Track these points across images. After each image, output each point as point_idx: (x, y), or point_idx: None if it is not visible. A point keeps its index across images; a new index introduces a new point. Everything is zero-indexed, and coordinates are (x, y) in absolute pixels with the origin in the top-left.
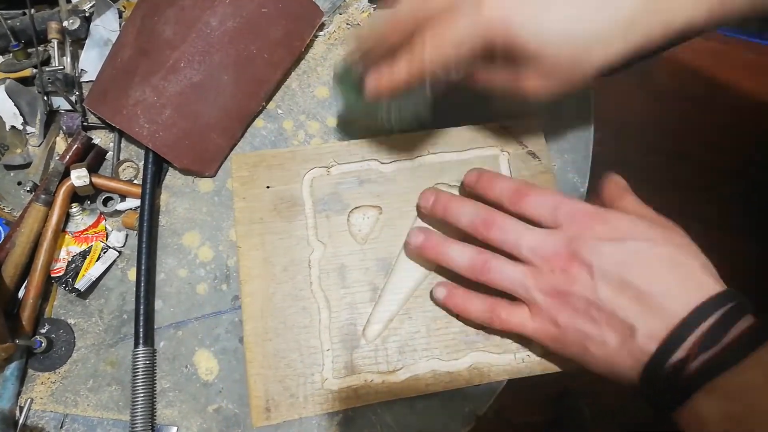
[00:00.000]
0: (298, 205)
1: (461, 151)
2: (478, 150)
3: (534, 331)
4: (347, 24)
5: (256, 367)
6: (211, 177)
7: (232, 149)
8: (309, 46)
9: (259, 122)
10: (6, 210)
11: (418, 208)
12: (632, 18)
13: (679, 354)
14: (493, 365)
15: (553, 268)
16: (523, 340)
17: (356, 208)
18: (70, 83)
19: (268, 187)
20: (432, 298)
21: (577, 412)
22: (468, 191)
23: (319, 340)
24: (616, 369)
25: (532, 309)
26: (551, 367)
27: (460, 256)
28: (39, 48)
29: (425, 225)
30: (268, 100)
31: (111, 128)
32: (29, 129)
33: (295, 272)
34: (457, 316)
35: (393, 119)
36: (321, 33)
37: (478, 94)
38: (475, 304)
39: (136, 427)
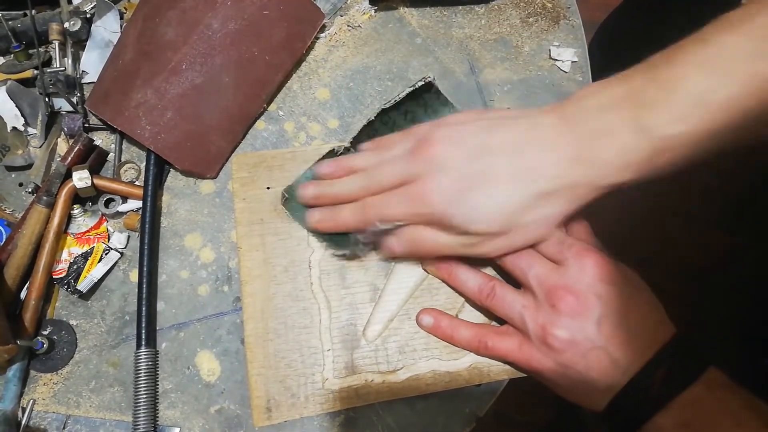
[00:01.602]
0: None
1: None
2: None
3: (520, 360)
4: (348, 26)
5: (257, 367)
6: (212, 179)
7: (233, 151)
8: (310, 47)
9: (260, 124)
10: (7, 211)
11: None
12: (549, 191)
13: (647, 385)
14: (492, 365)
15: (555, 302)
16: None
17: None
18: (72, 84)
19: (268, 188)
20: (418, 323)
21: (577, 412)
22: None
23: (319, 341)
24: (590, 397)
25: (521, 340)
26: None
27: (469, 280)
28: (40, 49)
29: None
30: (269, 101)
31: (112, 130)
32: (30, 130)
33: (296, 273)
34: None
35: (329, 243)
36: (322, 35)
37: None
38: (462, 333)
39: (139, 428)
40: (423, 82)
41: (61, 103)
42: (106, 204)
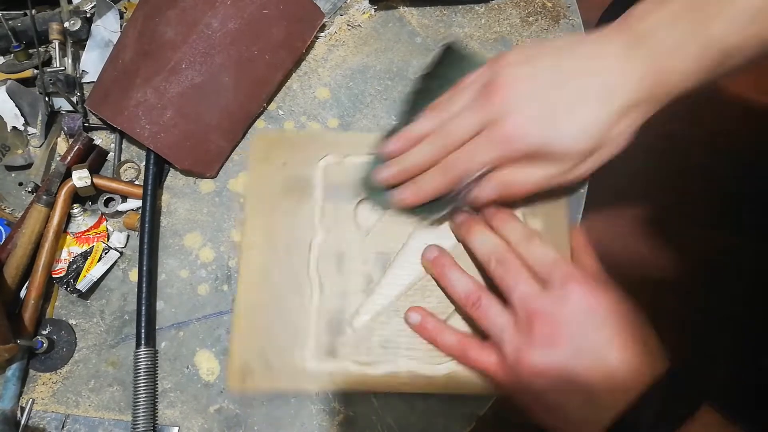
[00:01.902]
0: (309, 188)
1: None
2: None
3: (496, 377)
4: (348, 25)
5: (240, 334)
6: (212, 178)
7: (233, 150)
8: (310, 47)
9: (260, 123)
10: (7, 211)
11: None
12: (628, 105)
13: (638, 423)
14: (471, 378)
15: (534, 326)
16: None
17: (365, 199)
18: (72, 84)
19: (284, 164)
20: (405, 320)
21: None
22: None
23: (306, 321)
24: (582, 428)
25: (501, 357)
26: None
27: (459, 284)
28: (40, 49)
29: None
30: (269, 101)
31: (112, 129)
32: (30, 130)
33: (295, 252)
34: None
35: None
36: (322, 34)
37: None
38: (446, 337)
39: (138, 428)
40: (444, 48)
41: (61, 103)
42: (106, 203)
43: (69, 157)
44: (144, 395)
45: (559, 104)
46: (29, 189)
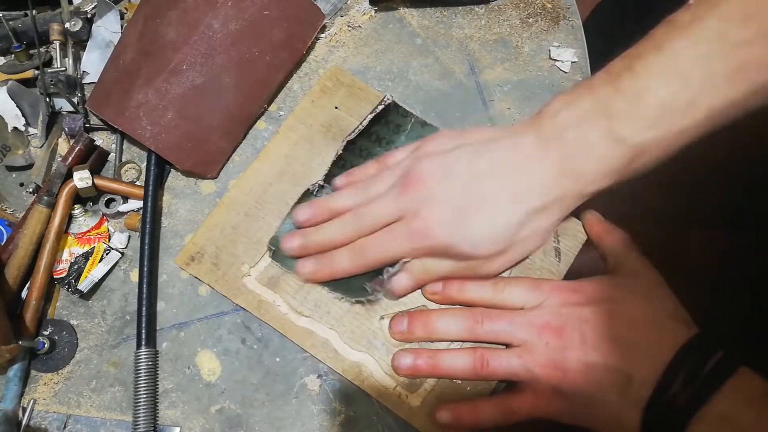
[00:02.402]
0: (344, 137)
1: None
2: None
3: (544, 410)
4: (348, 26)
5: (211, 222)
6: (213, 179)
7: (233, 151)
8: (310, 48)
9: (260, 124)
10: (8, 211)
11: (392, 333)
12: (539, 206)
13: (671, 392)
14: (373, 377)
15: (547, 341)
16: (415, 385)
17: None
18: (72, 85)
19: (336, 108)
20: (439, 420)
21: None
22: (435, 299)
23: (269, 245)
24: (620, 421)
25: (535, 389)
26: (421, 423)
27: (457, 361)
28: (41, 49)
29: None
30: (270, 102)
31: (113, 130)
32: (31, 130)
33: (299, 182)
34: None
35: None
36: (322, 35)
37: None
38: (485, 410)
39: (139, 428)
40: (383, 106)
41: (62, 104)
42: (107, 204)
43: (70, 158)
44: (145, 395)
45: (471, 205)
46: (30, 190)
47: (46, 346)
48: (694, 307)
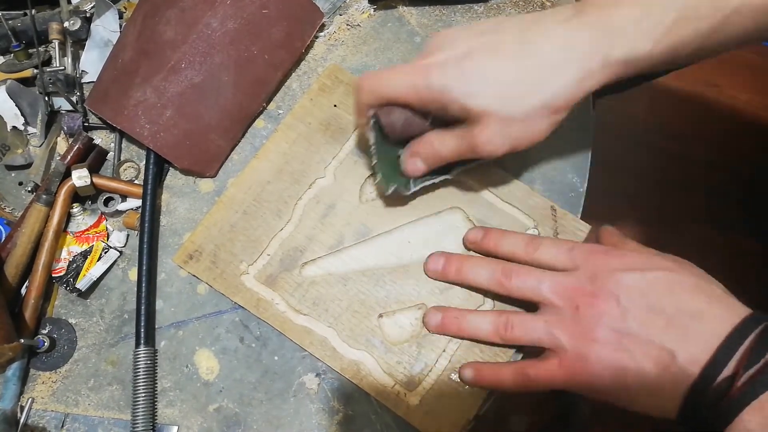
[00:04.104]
0: (343, 136)
1: (504, 202)
2: (516, 211)
3: (565, 380)
4: (347, 25)
5: (209, 221)
6: (211, 177)
7: (232, 150)
8: (309, 47)
9: (259, 123)
10: (7, 210)
11: (427, 270)
12: (557, 59)
13: (726, 373)
14: (372, 375)
15: (578, 305)
16: (413, 384)
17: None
18: (71, 84)
19: (335, 106)
20: (461, 379)
21: (577, 411)
22: (474, 248)
23: (267, 243)
24: (656, 399)
25: (560, 356)
26: (420, 422)
27: (482, 323)
28: (40, 49)
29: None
30: (269, 100)
31: (112, 129)
32: (30, 129)
33: (297, 181)
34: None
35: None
36: (321, 34)
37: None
38: (505, 374)
39: (137, 427)
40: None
41: (61, 103)
42: (106, 203)
43: (69, 157)
44: (143, 394)
45: (475, 50)
46: (29, 188)
47: (46, 344)
48: None
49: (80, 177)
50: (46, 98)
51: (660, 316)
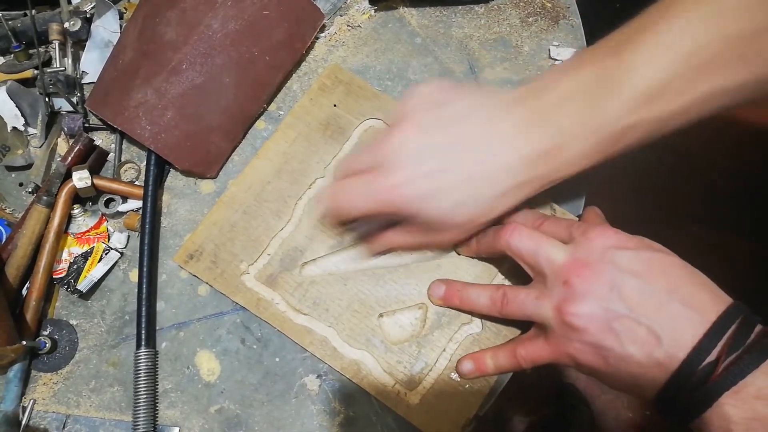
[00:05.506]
0: (343, 136)
1: None
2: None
3: (551, 357)
4: (348, 26)
5: (209, 221)
6: (212, 178)
7: (233, 151)
8: (310, 47)
9: (260, 124)
10: (8, 211)
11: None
12: (516, 183)
13: (710, 358)
14: (372, 375)
15: (567, 278)
16: (413, 383)
17: None
18: (72, 84)
19: (335, 106)
20: (458, 372)
21: (577, 412)
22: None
23: (267, 243)
24: (639, 381)
25: (546, 332)
26: (420, 421)
27: (480, 296)
28: (40, 49)
29: None
30: (270, 101)
31: (112, 130)
32: (31, 130)
33: (297, 181)
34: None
35: None
36: (322, 35)
37: None
38: (500, 358)
39: (138, 428)
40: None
41: (61, 103)
42: (106, 204)
43: (69, 158)
44: (144, 395)
45: (442, 173)
46: (30, 189)
47: (47, 345)
48: None
49: (81, 178)
50: (47, 99)
51: (651, 298)
